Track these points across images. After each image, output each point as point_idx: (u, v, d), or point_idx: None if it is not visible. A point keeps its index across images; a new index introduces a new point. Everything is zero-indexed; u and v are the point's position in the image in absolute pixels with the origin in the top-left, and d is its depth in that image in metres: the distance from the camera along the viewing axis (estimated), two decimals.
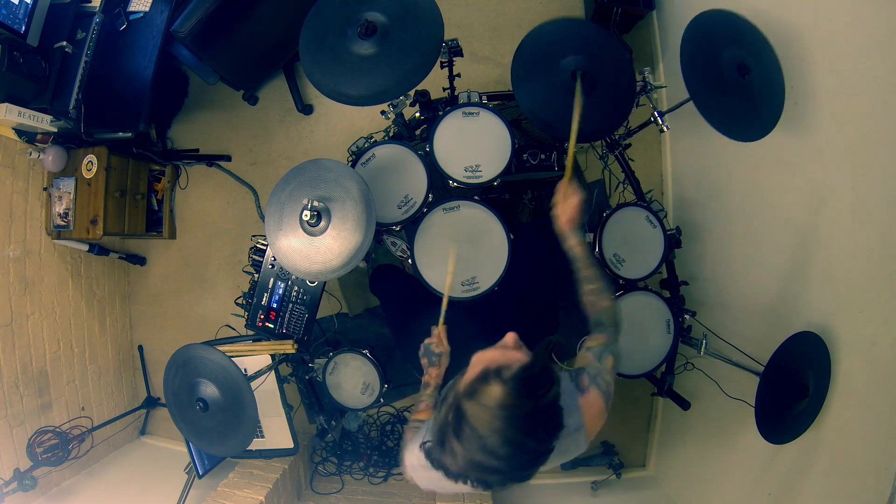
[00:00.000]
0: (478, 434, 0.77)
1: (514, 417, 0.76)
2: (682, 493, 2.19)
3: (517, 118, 2.16)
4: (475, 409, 0.78)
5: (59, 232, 2.22)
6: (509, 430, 0.76)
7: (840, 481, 1.36)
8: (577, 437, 1.00)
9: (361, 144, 1.69)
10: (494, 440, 0.76)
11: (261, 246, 1.81)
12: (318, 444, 2.50)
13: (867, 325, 1.33)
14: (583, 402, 1.02)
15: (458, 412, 0.80)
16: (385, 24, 1.37)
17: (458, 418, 0.80)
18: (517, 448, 0.78)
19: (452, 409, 0.82)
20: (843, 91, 1.37)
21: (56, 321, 2.28)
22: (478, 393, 0.79)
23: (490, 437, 0.77)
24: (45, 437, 2.03)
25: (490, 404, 0.77)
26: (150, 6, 2.07)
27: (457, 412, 0.80)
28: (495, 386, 0.78)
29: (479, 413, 0.78)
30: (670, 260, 1.79)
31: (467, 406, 0.79)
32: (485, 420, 0.77)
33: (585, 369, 1.07)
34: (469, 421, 0.78)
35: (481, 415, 0.77)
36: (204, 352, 1.43)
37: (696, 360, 1.90)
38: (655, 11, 2.34)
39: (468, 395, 0.80)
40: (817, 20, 1.43)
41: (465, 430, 0.78)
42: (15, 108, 1.89)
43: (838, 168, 1.41)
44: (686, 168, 2.33)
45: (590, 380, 1.05)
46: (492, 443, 0.76)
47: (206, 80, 2.19)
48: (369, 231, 1.33)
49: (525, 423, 0.77)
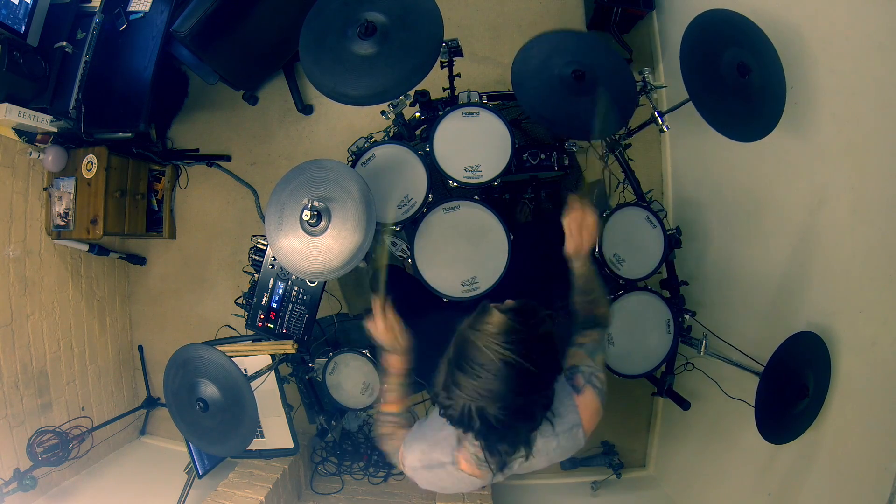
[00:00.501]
0: (480, 362, 0.82)
1: (513, 341, 0.82)
2: (682, 493, 2.19)
3: (517, 118, 2.16)
4: (477, 336, 0.84)
5: (59, 232, 2.22)
6: (508, 351, 0.81)
7: (840, 481, 1.36)
8: (574, 434, 1.02)
9: (361, 144, 1.69)
10: (496, 364, 0.81)
11: (261, 246, 1.81)
12: (318, 444, 2.50)
13: (867, 325, 1.33)
14: (579, 402, 1.03)
15: (462, 344, 0.85)
16: (385, 24, 1.37)
17: (463, 350, 0.85)
18: (516, 370, 0.81)
19: (458, 343, 0.87)
20: (843, 91, 1.37)
21: (56, 321, 2.28)
22: (480, 322, 0.85)
23: (492, 361, 0.81)
24: (45, 437, 2.03)
25: (491, 330, 0.83)
26: (150, 6, 2.07)
27: (460, 345, 0.86)
28: (495, 314, 0.85)
29: (482, 339, 0.83)
30: (670, 260, 1.79)
31: (470, 335, 0.85)
32: (486, 346, 0.82)
33: (579, 368, 1.07)
34: (472, 350, 0.83)
35: (484, 340, 0.82)
36: (204, 352, 1.43)
37: (696, 360, 1.90)
38: (655, 11, 2.34)
39: (472, 327, 0.86)
40: (817, 20, 1.43)
41: (469, 360, 0.83)
42: (15, 108, 1.89)
43: (838, 168, 1.41)
44: (686, 168, 2.33)
45: (585, 379, 1.05)
46: (494, 367, 0.81)
47: (206, 80, 2.19)
48: (369, 231, 1.33)
49: (523, 347, 0.82)
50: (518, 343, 0.82)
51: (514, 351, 0.81)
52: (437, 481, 1.05)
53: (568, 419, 1.01)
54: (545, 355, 0.86)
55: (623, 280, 1.67)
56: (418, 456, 1.05)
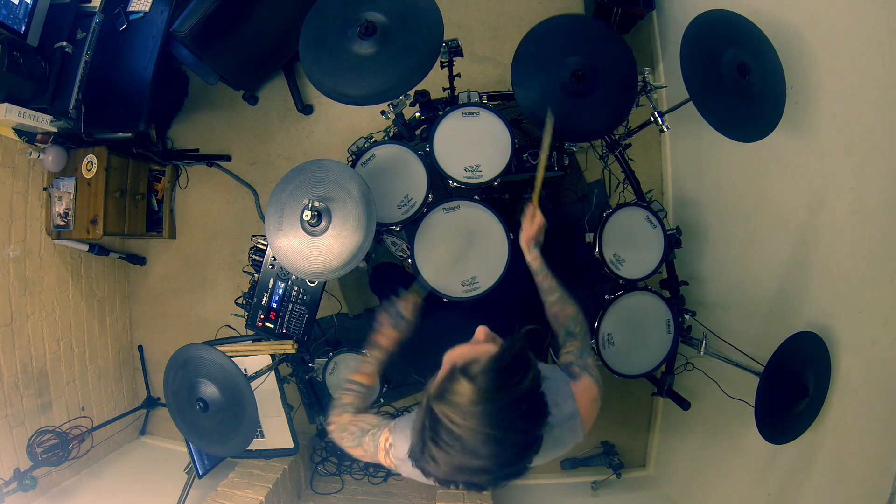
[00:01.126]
0: (455, 436, 0.73)
1: (490, 413, 0.72)
2: (682, 493, 2.19)
3: (517, 118, 2.16)
4: (448, 410, 0.74)
5: (59, 232, 2.22)
6: (487, 426, 0.72)
7: (840, 481, 1.36)
8: (572, 425, 0.97)
9: (361, 144, 1.69)
10: (474, 440, 0.72)
11: (261, 246, 1.81)
12: (318, 444, 2.50)
13: (867, 325, 1.33)
14: (576, 389, 1.00)
15: (432, 417, 0.76)
16: (385, 24, 1.37)
17: (432, 423, 0.76)
18: (499, 445, 0.73)
19: (426, 414, 0.78)
20: (843, 91, 1.37)
21: (56, 321, 2.28)
22: (448, 393, 0.75)
23: (468, 438, 0.73)
24: (45, 437, 2.03)
25: (462, 402, 0.73)
26: (150, 6, 2.07)
27: (430, 417, 0.77)
28: (464, 383, 0.74)
29: (452, 415, 0.74)
30: (670, 260, 1.79)
31: (439, 409, 0.75)
32: (459, 421, 0.73)
33: (573, 362, 1.08)
34: (444, 424, 0.74)
35: (455, 416, 0.73)
36: (204, 352, 1.43)
37: (696, 360, 1.90)
38: (655, 11, 2.34)
39: (438, 398, 0.76)
40: (817, 20, 1.43)
41: (441, 435, 0.74)
42: (15, 108, 1.89)
43: (838, 168, 1.41)
44: (686, 168, 2.33)
45: (581, 369, 1.04)
46: (472, 444, 0.73)
47: (206, 80, 2.19)
48: (370, 231, 1.33)
49: (503, 417, 0.73)
50: (495, 414, 0.72)
51: (492, 425, 0.72)
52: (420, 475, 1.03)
53: (566, 407, 0.97)
54: (529, 414, 0.76)
55: (623, 280, 1.67)
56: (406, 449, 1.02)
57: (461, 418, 0.73)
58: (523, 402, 0.75)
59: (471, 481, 0.78)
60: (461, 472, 0.76)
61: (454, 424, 0.73)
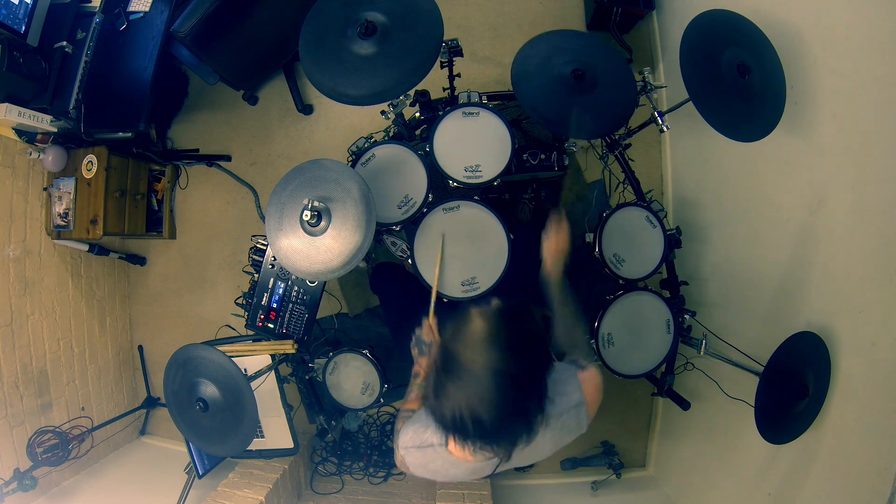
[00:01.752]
0: (467, 369, 0.79)
1: (499, 348, 0.79)
2: (682, 493, 2.19)
3: (517, 118, 2.16)
4: (460, 346, 0.82)
5: (59, 232, 2.22)
6: (495, 360, 0.78)
7: (840, 481, 1.36)
8: (578, 413, 1.01)
9: (361, 144, 1.68)
10: (483, 375, 0.78)
11: (261, 246, 1.81)
12: (318, 444, 2.50)
13: (867, 325, 1.33)
14: (583, 377, 1.04)
15: (446, 354, 0.83)
16: (385, 24, 1.37)
17: (446, 360, 0.83)
18: (507, 380, 0.79)
19: (441, 353, 0.85)
20: (843, 91, 1.37)
21: (56, 321, 2.28)
22: (461, 332, 0.83)
23: (478, 370, 0.79)
24: (45, 437, 2.03)
25: (474, 337, 0.81)
26: (150, 6, 2.07)
27: (444, 355, 0.84)
28: (476, 320, 0.83)
29: (464, 349, 0.81)
30: (670, 260, 1.78)
31: (453, 346, 0.83)
32: (470, 354, 0.80)
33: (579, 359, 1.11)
34: (457, 358, 0.81)
35: (466, 350, 0.80)
36: (204, 352, 1.43)
37: (696, 360, 1.90)
38: (655, 11, 2.34)
39: (453, 338, 0.84)
40: (817, 20, 1.43)
41: (454, 370, 0.81)
42: (15, 108, 1.89)
43: (838, 168, 1.41)
44: (686, 168, 2.33)
45: (587, 361, 1.08)
46: (481, 378, 0.78)
47: (206, 80, 2.19)
48: (369, 231, 1.33)
49: (510, 353, 0.79)
50: (503, 349, 0.80)
51: (499, 359, 0.79)
52: (427, 462, 1.04)
53: (572, 397, 1.01)
54: (533, 354, 0.84)
55: (623, 280, 1.67)
56: (411, 435, 1.05)
57: (472, 351, 0.80)
58: (528, 342, 0.83)
59: (477, 417, 0.80)
60: (469, 405, 0.80)
61: (466, 358, 0.80)
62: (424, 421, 1.05)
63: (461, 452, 0.98)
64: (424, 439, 1.02)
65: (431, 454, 1.02)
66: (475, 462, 1.00)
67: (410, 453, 1.04)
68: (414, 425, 1.06)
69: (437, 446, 1.00)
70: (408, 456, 1.05)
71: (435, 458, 1.02)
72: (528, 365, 0.82)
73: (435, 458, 1.02)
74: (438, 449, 1.01)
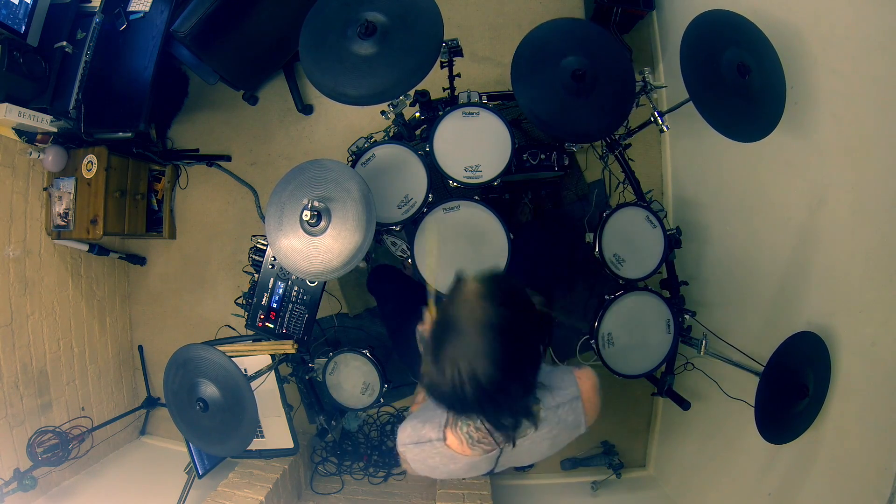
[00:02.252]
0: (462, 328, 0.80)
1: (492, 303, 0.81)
2: (682, 493, 2.19)
3: (517, 118, 2.16)
4: (455, 308, 0.83)
5: (59, 232, 2.22)
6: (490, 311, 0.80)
7: (840, 481, 1.36)
8: (574, 407, 1.02)
9: (361, 144, 1.69)
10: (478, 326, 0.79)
11: (261, 246, 1.81)
12: (318, 444, 2.50)
13: (867, 325, 1.33)
14: (578, 374, 1.05)
15: (443, 319, 0.84)
16: (385, 24, 1.37)
17: (443, 323, 0.84)
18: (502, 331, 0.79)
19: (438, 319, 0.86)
20: (843, 91, 1.37)
21: (56, 321, 2.28)
22: (456, 295, 0.85)
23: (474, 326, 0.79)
24: (45, 437, 2.03)
25: (468, 298, 0.82)
26: (150, 6, 2.07)
27: (442, 320, 0.85)
28: (470, 283, 0.84)
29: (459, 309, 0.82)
30: (670, 260, 1.78)
31: (450, 309, 0.84)
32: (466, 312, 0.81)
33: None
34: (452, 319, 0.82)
35: (462, 310, 0.82)
36: (204, 352, 1.43)
37: (696, 360, 1.90)
38: (655, 11, 2.34)
39: (449, 302, 0.85)
40: (817, 20, 1.42)
41: (449, 329, 0.82)
42: (15, 108, 1.89)
43: (838, 168, 1.41)
44: (686, 168, 2.33)
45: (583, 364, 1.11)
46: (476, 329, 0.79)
47: (206, 80, 2.19)
48: (369, 231, 1.33)
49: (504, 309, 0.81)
50: (497, 305, 0.81)
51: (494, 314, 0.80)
52: (425, 458, 1.04)
53: (568, 391, 1.02)
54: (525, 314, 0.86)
55: (623, 280, 1.67)
56: (409, 432, 1.05)
57: (466, 309, 0.81)
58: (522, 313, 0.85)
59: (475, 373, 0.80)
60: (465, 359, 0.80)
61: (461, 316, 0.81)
62: (423, 416, 1.05)
63: (459, 445, 0.99)
64: (423, 435, 1.03)
65: (430, 450, 1.02)
66: (473, 456, 1.00)
67: (409, 450, 1.05)
68: (413, 421, 1.06)
69: (435, 441, 1.01)
70: (407, 452, 1.05)
71: (433, 453, 1.02)
72: (522, 319, 0.84)
73: (433, 454, 1.03)
74: (436, 444, 1.01)
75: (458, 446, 0.99)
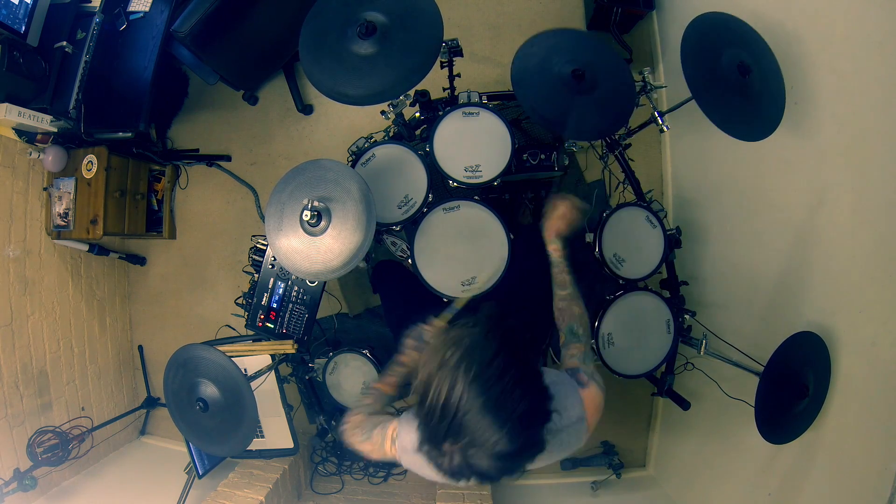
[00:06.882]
0: (456, 400, 0.77)
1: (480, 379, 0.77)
2: (682, 493, 2.19)
3: (517, 118, 2.16)
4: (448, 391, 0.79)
5: (59, 232, 2.22)
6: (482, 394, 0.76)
7: (840, 481, 1.36)
8: (578, 430, 1.01)
9: (361, 144, 1.68)
10: (475, 412, 0.76)
11: (261, 246, 1.81)
12: (318, 444, 2.50)
13: (867, 325, 1.33)
14: (584, 395, 1.03)
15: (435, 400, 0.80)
16: (385, 24, 1.37)
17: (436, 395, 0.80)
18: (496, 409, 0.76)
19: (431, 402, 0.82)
20: (843, 91, 1.37)
21: (56, 321, 2.28)
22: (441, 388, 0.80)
23: (471, 412, 0.76)
24: (45, 437, 2.03)
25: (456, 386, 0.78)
26: (150, 6, 2.07)
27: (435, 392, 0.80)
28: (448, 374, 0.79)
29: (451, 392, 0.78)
30: (670, 260, 1.78)
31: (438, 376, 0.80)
32: (458, 393, 0.77)
33: (580, 369, 1.09)
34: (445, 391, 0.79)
35: (455, 394, 0.78)
36: (204, 352, 1.43)
37: (696, 360, 1.90)
38: (655, 11, 2.34)
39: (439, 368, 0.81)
40: (817, 20, 1.43)
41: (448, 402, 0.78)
42: (15, 108, 1.89)
43: (838, 168, 1.41)
44: (686, 168, 2.33)
45: (588, 377, 1.07)
46: (471, 403, 0.76)
47: (206, 80, 2.19)
48: (369, 231, 1.33)
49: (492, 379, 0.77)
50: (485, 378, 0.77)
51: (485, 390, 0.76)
52: (419, 467, 1.03)
53: (574, 412, 1.00)
54: (522, 382, 0.80)
55: (623, 280, 1.67)
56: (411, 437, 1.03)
57: (460, 392, 0.77)
58: (511, 367, 0.79)
59: (479, 460, 0.79)
60: (473, 451, 0.78)
61: (456, 403, 0.77)
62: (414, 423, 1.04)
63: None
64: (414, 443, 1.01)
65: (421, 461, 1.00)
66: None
67: (408, 455, 1.04)
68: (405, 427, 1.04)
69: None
70: (404, 457, 1.05)
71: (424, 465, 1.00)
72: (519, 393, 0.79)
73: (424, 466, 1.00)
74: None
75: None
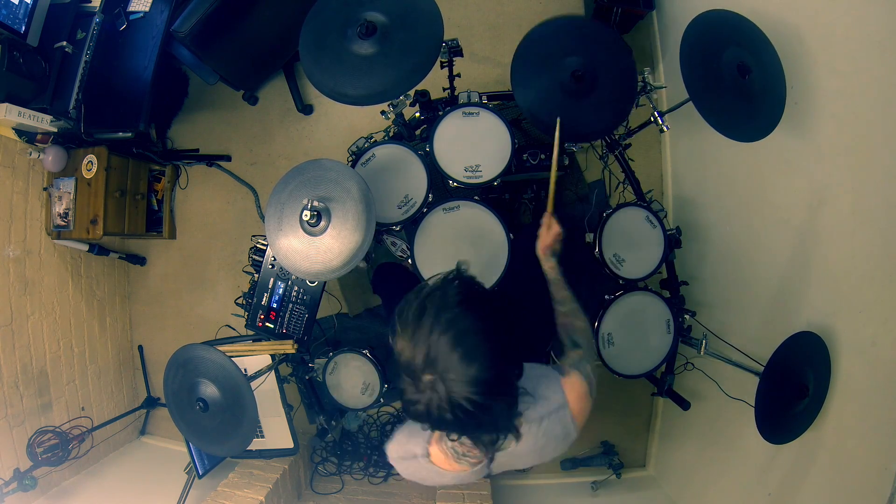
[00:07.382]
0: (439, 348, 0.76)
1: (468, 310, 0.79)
2: (682, 493, 2.19)
3: (517, 118, 2.16)
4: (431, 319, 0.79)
5: (59, 232, 2.22)
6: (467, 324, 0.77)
7: (840, 481, 1.36)
8: (562, 416, 0.98)
9: (361, 144, 1.68)
10: (456, 348, 0.75)
11: (261, 246, 1.81)
12: (318, 444, 2.50)
13: (867, 325, 1.33)
14: (564, 382, 1.02)
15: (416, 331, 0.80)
16: (385, 24, 1.37)
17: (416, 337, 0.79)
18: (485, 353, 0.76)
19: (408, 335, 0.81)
20: (843, 91, 1.37)
21: (56, 321, 2.28)
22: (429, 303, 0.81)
23: (452, 345, 0.76)
24: (45, 437, 2.03)
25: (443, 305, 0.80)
26: (150, 6, 2.07)
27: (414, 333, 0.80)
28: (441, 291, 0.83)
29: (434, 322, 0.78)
30: (670, 260, 1.78)
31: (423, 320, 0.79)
32: (441, 328, 0.77)
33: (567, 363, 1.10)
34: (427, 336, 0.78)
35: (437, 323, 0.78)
36: (204, 352, 1.43)
37: (696, 360, 1.90)
38: (655, 11, 2.34)
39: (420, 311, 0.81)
40: (817, 20, 1.42)
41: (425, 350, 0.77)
42: (15, 108, 1.89)
43: (838, 168, 1.41)
44: (686, 168, 2.33)
45: (570, 365, 1.06)
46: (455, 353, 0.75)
47: (206, 80, 2.19)
48: (369, 231, 1.33)
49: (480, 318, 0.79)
50: (471, 312, 0.79)
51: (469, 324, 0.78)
52: (414, 472, 1.03)
53: (553, 400, 0.98)
54: (501, 321, 0.82)
55: (623, 280, 1.67)
56: (396, 446, 1.04)
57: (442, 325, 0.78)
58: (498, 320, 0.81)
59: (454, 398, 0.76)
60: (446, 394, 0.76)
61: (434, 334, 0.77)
62: (409, 429, 1.03)
63: (445, 460, 0.97)
64: (408, 450, 1.01)
65: (416, 466, 1.01)
66: (461, 471, 0.98)
67: (399, 464, 1.04)
68: (400, 435, 1.05)
69: (420, 458, 0.99)
70: (398, 466, 1.05)
71: (419, 469, 1.01)
72: (500, 329, 0.81)
73: (419, 469, 1.01)
74: (421, 460, 0.99)
75: (444, 461, 0.97)
